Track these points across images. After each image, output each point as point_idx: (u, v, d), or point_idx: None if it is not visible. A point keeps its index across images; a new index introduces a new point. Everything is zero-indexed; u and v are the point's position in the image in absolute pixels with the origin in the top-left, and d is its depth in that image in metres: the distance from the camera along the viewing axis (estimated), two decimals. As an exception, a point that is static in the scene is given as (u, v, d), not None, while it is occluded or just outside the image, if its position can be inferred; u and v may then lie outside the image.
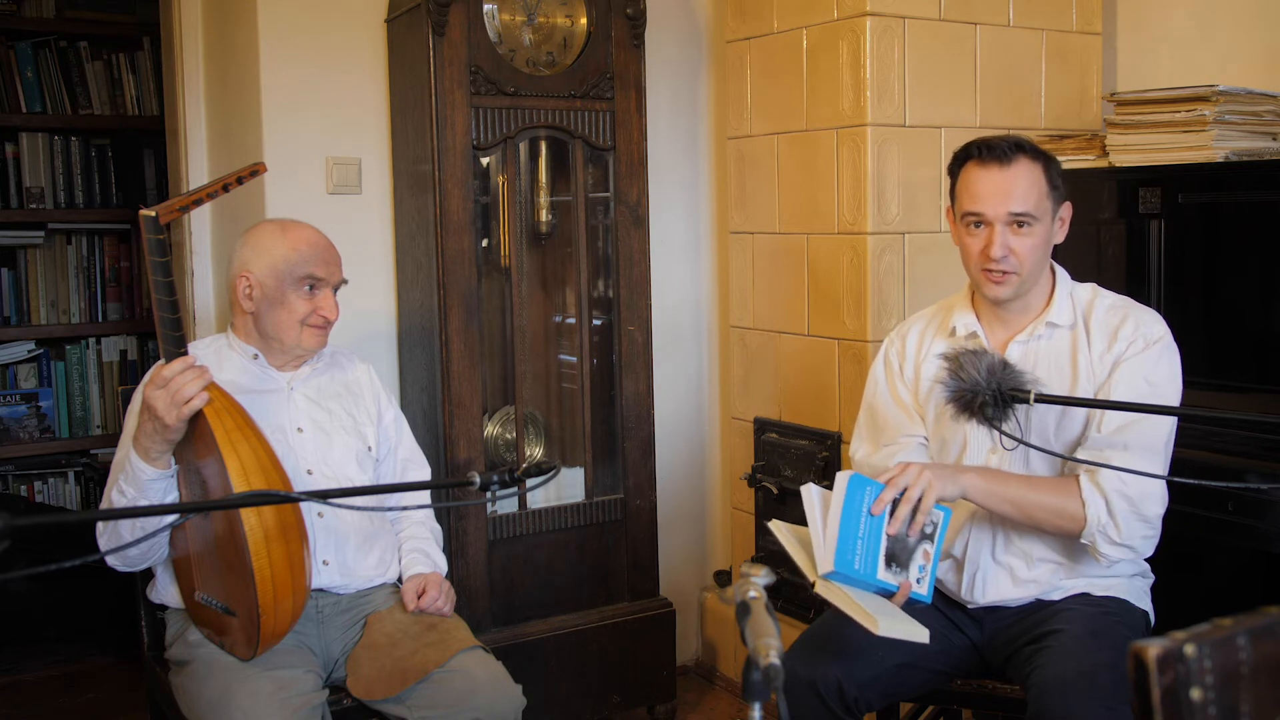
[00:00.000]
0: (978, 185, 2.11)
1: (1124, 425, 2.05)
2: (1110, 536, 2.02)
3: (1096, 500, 2.01)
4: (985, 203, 2.10)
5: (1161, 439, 2.06)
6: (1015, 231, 2.09)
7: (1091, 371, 2.12)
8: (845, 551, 1.94)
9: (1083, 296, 2.19)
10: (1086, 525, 2.02)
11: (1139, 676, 0.90)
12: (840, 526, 1.94)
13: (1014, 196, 2.08)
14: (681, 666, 3.44)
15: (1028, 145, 2.12)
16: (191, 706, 2.12)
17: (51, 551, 1.99)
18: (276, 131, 2.94)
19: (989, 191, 2.09)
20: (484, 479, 1.87)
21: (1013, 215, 2.08)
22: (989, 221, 2.10)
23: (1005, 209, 2.08)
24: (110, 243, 4.27)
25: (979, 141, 2.14)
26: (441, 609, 2.33)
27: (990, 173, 2.10)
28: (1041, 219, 2.10)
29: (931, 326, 2.31)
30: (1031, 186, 2.09)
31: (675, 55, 3.43)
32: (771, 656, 1.14)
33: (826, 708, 2.02)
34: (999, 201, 2.08)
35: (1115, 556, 2.05)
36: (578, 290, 3.04)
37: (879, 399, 2.32)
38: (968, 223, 2.14)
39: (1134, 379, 2.07)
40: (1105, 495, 2.01)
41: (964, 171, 2.15)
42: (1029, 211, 2.08)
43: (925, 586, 1.99)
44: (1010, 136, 2.14)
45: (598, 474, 3.10)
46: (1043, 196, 2.10)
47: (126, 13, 4.25)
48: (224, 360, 2.33)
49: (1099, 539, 2.02)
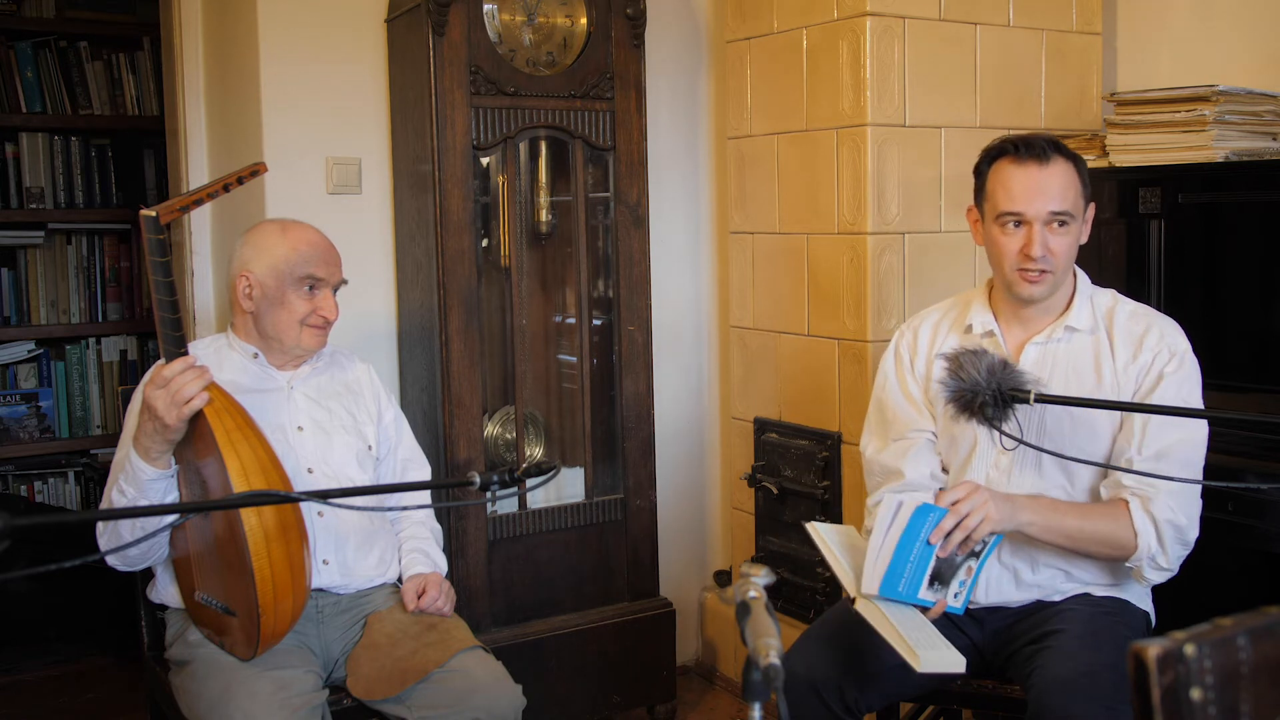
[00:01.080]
0: (1015, 183, 2.09)
1: (1165, 451, 2.04)
2: (1158, 563, 2.03)
3: (1149, 530, 2.01)
4: (1024, 201, 2.08)
5: (1200, 457, 2.07)
6: (1054, 230, 2.08)
7: (1116, 381, 2.11)
8: (894, 575, 1.95)
9: (1103, 302, 2.18)
10: (1137, 553, 2.02)
11: (1139, 676, 0.90)
12: (896, 550, 1.95)
13: (1054, 195, 2.07)
14: (681, 666, 3.44)
15: (1062, 144, 2.12)
16: (191, 706, 2.12)
17: (51, 551, 2.00)
18: (276, 131, 2.94)
19: (1029, 189, 2.07)
20: (484, 479, 1.86)
21: (1053, 214, 2.07)
22: (1028, 220, 2.08)
23: (1046, 208, 2.07)
24: (110, 243, 4.27)
25: (1014, 139, 2.12)
26: (441, 609, 2.33)
27: (1029, 170, 2.08)
28: (1078, 218, 2.10)
29: (946, 321, 2.30)
30: (1069, 185, 2.08)
31: (675, 55, 3.43)
32: (771, 656, 1.14)
33: (826, 708, 2.02)
34: (1040, 200, 2.07)
35: (1156, 580, 2.07)
36: (578, 290, 3.04)
37: (888, 394, 2.31)
38: (1004, 222, 2.11)
39: (1176, 403, 2.06)
40: (1157, 525, 2.01)
41: (997, 170, 2.12)
42: (1068, 210, 2.07)
43: (961, 600, 2.00)
44: (1045, 135, 2.13)
45: (598, 474, 3.10)
46: (1078, 195, 2.10)
47: (126, 13, 4.25)
48: (224, 360, 2.33)
49: (1146, 566, 2.04)
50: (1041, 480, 2.14)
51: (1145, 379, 2.10)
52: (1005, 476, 2.16)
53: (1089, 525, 2.03)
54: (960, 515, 1.95)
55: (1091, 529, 2.03)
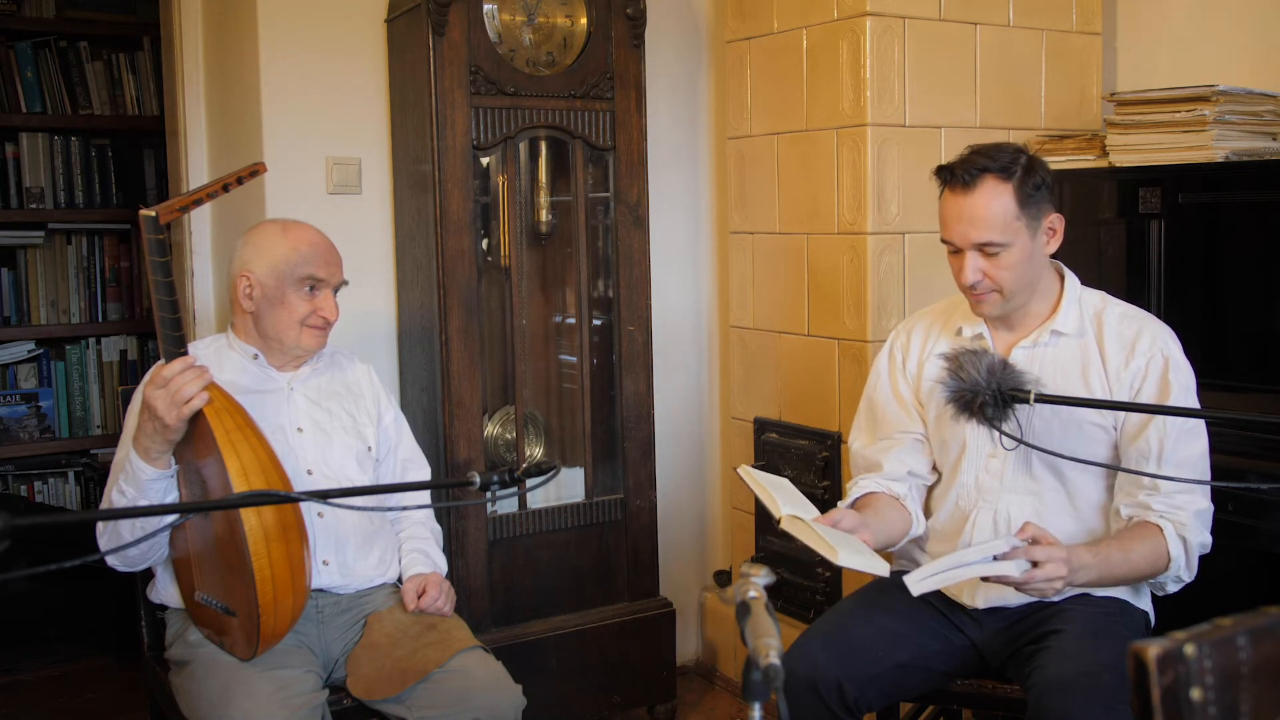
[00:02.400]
0: (946, 212, 2.10)
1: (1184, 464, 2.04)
2: (1182, 578, 2.06)
3: (1180, 554, 2.03)
4: (952, 230, 2.09)
5: (1207, 463, 2.08)
6: (986, 257, 2.06)
7: (1108, 388, 2.11)
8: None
9: (1092, 304, 2.17)
10: (1165, 574, 2.04)
11: (1139, 676, 0.90)
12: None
13: (977, 224, 2.04)
14: (681, 666, 3.44)
15: (996, 165, 2.03)
16: (192, 706, 2.12)
17: (51, 551, 1.99)
18: (276, 131, 2.94)
19: (954, 219, 2.08)
20: (484, 479, 1.87)
21: (977, 244, 2.06)
22: (959, 248, 2.09)
23: (970, 238, 2.06)
24: (110, 243, 4.27)
25: (949, 164, 2.10)
26: (441, 609, 2.33)
27: (956, 199, 2.07)
28: (1012, 241, 2.04)
29: (937, 324, 2.31)
30: (997, 212, 2.03)
31: (675, 55, 3.43)
32: (771, 656, 1.14)
33: (826, 708, 2.02)
34: (963, 230, 2.06)
35: (1173, 590, 2.09)
36: (578, 290, 3.04)
37: (879, 393, 2.32)
38: (947, 247, 2.13)
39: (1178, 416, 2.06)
40: (1188, 549, 2.03)
41: (941, 194, 2.12)
42: (992, 239, 2.04)
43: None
44: (981, 155, 2.06)
45: (598, 474, 3.10)
46: (1011, 219, 2.04)
47: (126, 13, 4.25)
48: (224, 360, 2.33)
49: (1170, 583, 2.07)
50: (1034, 483, 2.14)
51: (1144, 384, 2.09)
52: (997, 479, 2.16)
53: (1134, 568, 2.02)
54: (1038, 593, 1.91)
55: (1137, 570, 2.03)
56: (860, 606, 2.20)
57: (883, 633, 2.12)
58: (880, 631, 2.12)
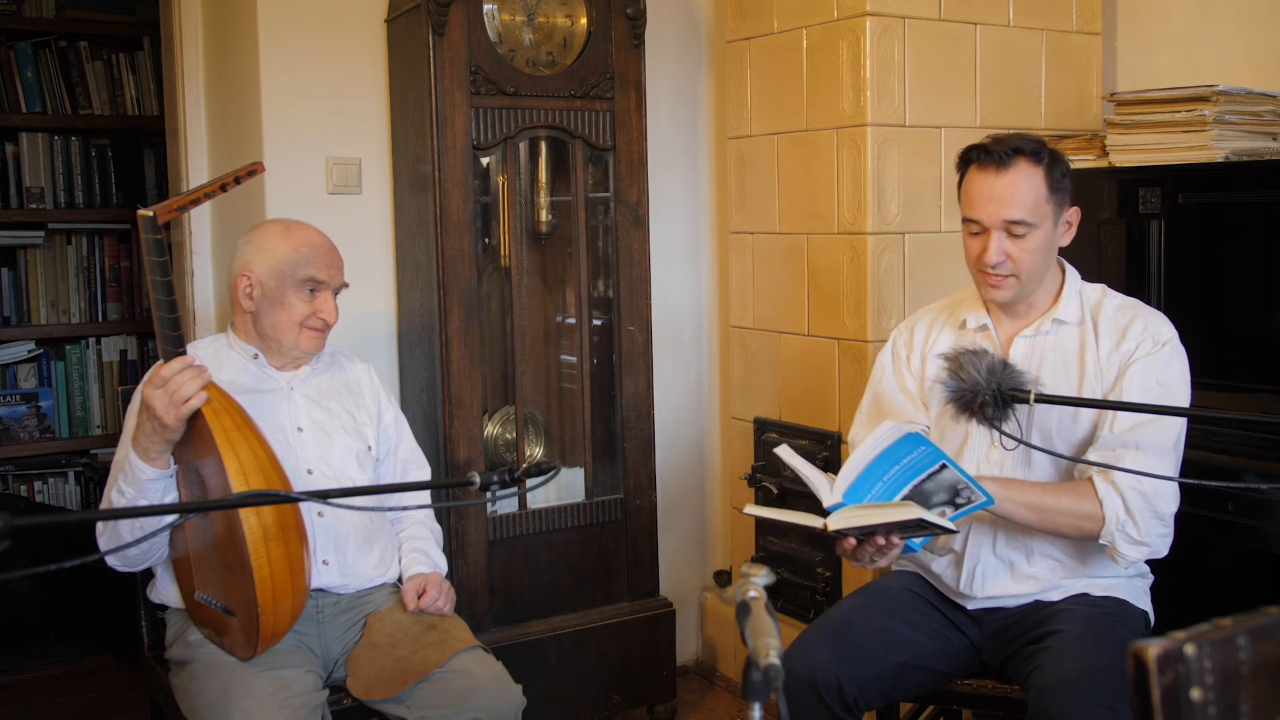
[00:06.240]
0: (975, 190, 2.11)
1: (1135, 425, 2.04)
2: (1130, 535, 2.01)
3: (1113, 498, 2.01)
4: (981, 209, 2.10)
5: (1172, 439, 2.06)
6: (1012, 237, 2.08)
7: (1099, 369, 2.12)
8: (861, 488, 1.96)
9: (1091, 295, 2.20)
10: (1105, 525, 2.01)
11: (1139, 676, 0.90)
12: (870, 465, 1.95)
13: (1009, 203, 2.07)
14: (681, 666, 3.44)
15: (1029, 148, 2.09)
16: (192, 706, 2.12)
17: (51, 551, 1.99)
18: (276, 131, 2.94)
19: (984, 197, 2.09)
20: (484, 479, 1.86)
21: (1007, 222, 2.07)
22: (986, 228, 2.10)
23: (1000, 216, 2.08)
24: (110, 243, 4.27)
25: (981, 144, 2.13)
26: (441, 609, 2.33)
27: (987, 178, 2.09)
28: (1040, 224, 2.09)
29: (940, 319, 2.32)
30: (1028, 192, 2.07)
31: (675, 55, 3.43)
32: (771, 656, 1.14)
33: (826, 707, 2.02)
34: (994, 208, 2.08)
35: (1134, 556, 2.04)
36: (578, 290, 3.04)
37: (885, 386, 2.33)
38: (969, 227, 2.14)
39: (1145, 380, 2.07)
40: (1121, 493, 2.00)
41: (967, 174, 2.15)
42: (1024, 219, 2.07)
43: (919, 540, 2.01)
44: (1013, 138, 2.12)
45: (598, 474, 3.10)
46: (1041, 201, 2.08)
47: (126, 13, 4.25)
48: (224, 360, 2.33)
49: (1119, 539, 2.02)
50: (1033, 475, 2.15)
51: (1131, 361, 2.10)
52: (997, 471, 2.17)
53: (1050, 498, 2.04)
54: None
55: (1054, 501, 2.04)
56: (860, 606, 2.21)
57: (882, 632, 2.13)
58: (880, 631, 2.13)
